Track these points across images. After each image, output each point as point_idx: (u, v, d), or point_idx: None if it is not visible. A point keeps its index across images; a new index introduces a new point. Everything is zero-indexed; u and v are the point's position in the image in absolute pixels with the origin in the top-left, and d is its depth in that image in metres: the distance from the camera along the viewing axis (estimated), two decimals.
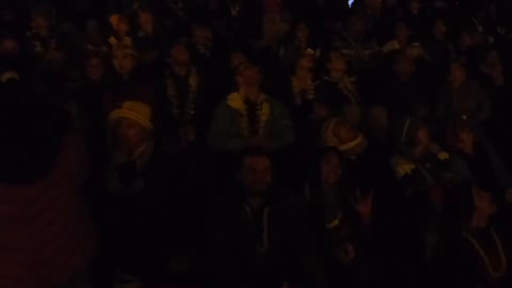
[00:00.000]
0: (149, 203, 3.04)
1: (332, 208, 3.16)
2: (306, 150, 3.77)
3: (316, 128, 4.04)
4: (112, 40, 4.57)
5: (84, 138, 2.31)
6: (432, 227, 3.22)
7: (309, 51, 5.03)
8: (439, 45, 5.57)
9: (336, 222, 3.14)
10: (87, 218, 2.15)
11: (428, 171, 3.52)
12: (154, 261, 3.05)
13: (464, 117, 4.40)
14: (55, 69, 4.43)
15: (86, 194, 2.15)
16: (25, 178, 1.89)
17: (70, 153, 1.99)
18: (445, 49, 5.53)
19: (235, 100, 3.90)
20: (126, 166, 3.06)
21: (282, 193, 2.92)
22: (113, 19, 4.91)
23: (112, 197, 3.05)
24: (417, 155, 3.60)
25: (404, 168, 3.49)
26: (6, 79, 1.92)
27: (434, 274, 2.89)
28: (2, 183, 1.86)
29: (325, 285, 2.79)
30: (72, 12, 5.77)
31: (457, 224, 2.71)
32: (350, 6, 6.68)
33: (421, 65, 4.98)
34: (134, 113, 3.13)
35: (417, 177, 3.48)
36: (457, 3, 6.92)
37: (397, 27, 5.48)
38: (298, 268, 2.83)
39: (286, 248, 2.87)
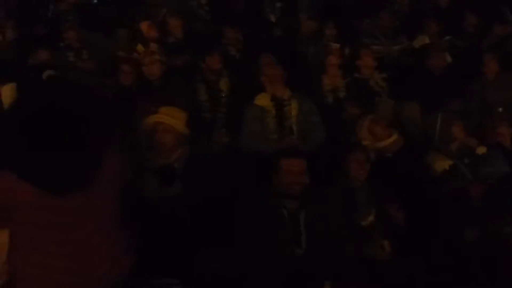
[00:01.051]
0: (187, 206, 3.06)
1: (365, 205, 3.14)
2: (338, 148, 3.75)
3: (348, 126, 4.02)
4: (140, 47, 4.63)
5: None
6: (472, 223, 3.17)
7: (335, 45, 5.00)
8: (471, 38, 5.46)
9: (371, 218, 3.13)
10: (125, 225, 2.17)
11: (467, 166, 3.47)
12: (193, 263, 3.07)
13: (500, 109, 4.31)
14: (88, 77, 4.52)
15: (122, 200, 2.17)
16: (67, 189, 1.89)
17: (112, 164, 1.99)
18: (477, 41, 5.42)
19: (262, 99, 3.95)
20: (165, 170, 3.10)
21: (318, 194, 2.91)
22: (143, 26, 4.97)
23: (150, 201, 3.09)
24: (454, 150, 3.55)
25: (441, 164, 3.46)
26: (47, 76, 1.93)
27: (474, 270, 2.84)
28: (44, 193, 1.87)
29: (366, 281, 2.77)
30: (101, 21, 5.86)
31: (500, 219, 2.65)
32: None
33: (453, 58, 4.89)
34: (170, 118, 3.17)
35: (456, 172, 3.44)
36: None
37: (426, 22, 5.40)
38: (338, 267, 2.82)
39: (324, 249, 2.86)
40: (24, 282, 1.96)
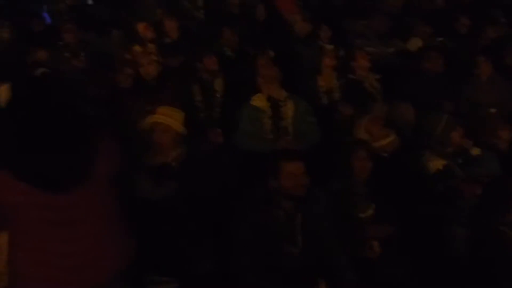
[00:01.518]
0: (183, 205, 3.09)
1: (365, 199, 3.18)
2: (334, 148, 3.80)
3: (343, 126, 4.07)
4: (137, 47, 4.66)
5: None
6: (464, 222, 3.22)
7: (330, 47, 5.05)
8: (463, 39, 5.53)
9: (370, 211, 3.17)
10: (123, 221, 2.18)
11: (460, 167, 3.51)
12: (189, 261, 3.09)
13: (493, 110, 4.36)
14: (84, 76, 4.54)
15: (119, 198, 2.18)
16: (62, 187, 1.91)
17: (106, 159, 2.01)
18: (469, 43, 5.49)
19: (258, 100, 3.98)
20: (163, 169, 3.12)
21: (314, 194, 2.94)
22: (140, 27, 5.00)
23: (146, 200, 3.11)
24: (449, 151, 3.59)
25: (435, 163, 3.49)
26: (41, 73, 1.93)
27: (466, 269, 2.88)
28: (39, 191, 1.89)
29: (360, 280, 2.80)
30: (95, 21, 5.86)
31: (494, 217, 2.70)
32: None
33: (446, 60, 4.95)
34: (168, 118, 3.19)
35: (449, 172, 3.47)
36: None
37: (419, 23, 5.46)
38: (333, 266, 2.86)
39: (320, 248, 2.89)
40: (25, 280, 1.98)
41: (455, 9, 6.04)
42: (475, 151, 3.56)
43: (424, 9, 6.24)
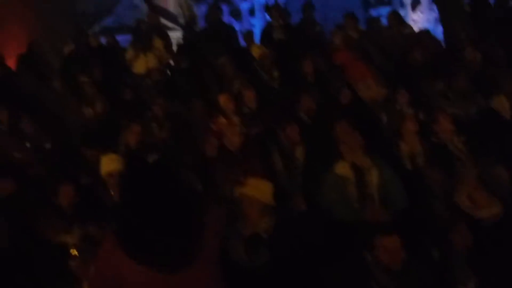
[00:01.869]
0: (275, 272, 3.07)
1: (466, 269, 3.05)
2: (425, 215, 3.68)
3: (430, 192, 3.95)
4: (221, 119, 4.85)
5: None
6: None
7: (410, 111, 4.98)
8: None
9: (472, 284, 3.02)
10: None
11: None
12: None
13: None
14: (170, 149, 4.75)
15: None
16: (175, 267, 1.99)
17: (212, 232, 2.08)
18: None
19: (342, 167, 3.92)
20: (253, 239, 3.15)
21: (411, 266, 2.84)
22: (222, 98, 5.20)
23: (239, 267, 3.12)
24: None
25: None
26: (152, 161, 2.07)
27: None
28: (153, 270, 1.97)
29: None
30: (177, 92, 6.18)
31: None
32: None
33: None
34: (256, 190, 3.23)
35: None
36: None
37: (502, 79, 5.28)
38: None
39: None
40: None
41: None
42: None
43: (505, 61, 6.03)
